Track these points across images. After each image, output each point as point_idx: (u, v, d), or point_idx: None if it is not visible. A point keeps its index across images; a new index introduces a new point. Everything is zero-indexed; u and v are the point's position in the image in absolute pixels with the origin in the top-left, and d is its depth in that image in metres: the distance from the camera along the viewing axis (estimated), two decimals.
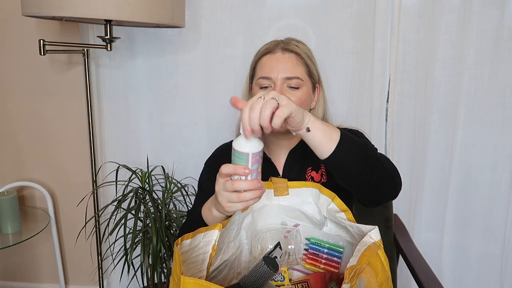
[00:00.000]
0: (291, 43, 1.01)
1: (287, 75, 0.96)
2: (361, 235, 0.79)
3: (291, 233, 0.90)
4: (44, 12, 1.16)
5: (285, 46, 0.99)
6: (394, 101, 1.58)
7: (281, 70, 0.96)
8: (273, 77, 0.97)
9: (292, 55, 0.98)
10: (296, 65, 0.98)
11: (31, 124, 1.76)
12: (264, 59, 1.00)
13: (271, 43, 1.03)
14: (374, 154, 0.85)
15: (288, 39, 1.04)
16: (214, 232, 0.77)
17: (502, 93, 1.53)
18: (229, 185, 0.74)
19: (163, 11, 1.25)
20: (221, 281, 0.86)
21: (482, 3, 1.46)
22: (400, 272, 1.59)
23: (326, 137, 0.78)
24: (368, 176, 0.82)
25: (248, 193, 0.74)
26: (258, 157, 0.75)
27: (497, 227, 1.63)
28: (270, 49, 1.00)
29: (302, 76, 0.98)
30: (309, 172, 1.03)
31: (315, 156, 1.00)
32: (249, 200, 0.75)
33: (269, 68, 0.98)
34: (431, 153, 1.60)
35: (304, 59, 1.00)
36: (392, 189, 0.89)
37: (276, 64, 0.97)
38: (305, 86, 0.99)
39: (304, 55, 1.00)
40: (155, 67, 1.65)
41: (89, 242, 1.77)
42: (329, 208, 0.88)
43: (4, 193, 1.63)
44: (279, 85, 0.96)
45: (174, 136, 1.71)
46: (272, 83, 0.97)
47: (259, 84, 0.99)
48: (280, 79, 0.96)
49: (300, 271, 0.92)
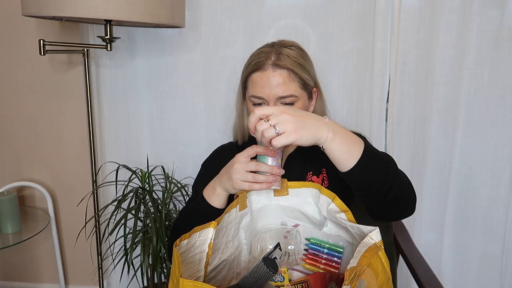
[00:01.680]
0: (282, 55, 0.94)
1: (279, 94, 0.93)
2: (361, 235, 0.79)
3: (291, 233, 0.90)
4: (44, 12, 1.16)
5: (276, 61, 0.94)
6: (394, 101, 1.58)
7: (272, 89, 0.93)
8: (265, 97, 0.94)
9: (283, 71, 0.93)
10: (289, 82, 0.93)
11: (31, 124, 1.76)
12: (254, 76, 0.96)
13: (261, 54, 0.97)
14: (394, 173, 0.82)
15: (278, 47, 0.97)
16: (209, 231, 0.78)
17: (502, 93, 1.53)
18: (253, 164, 0.82)
19: (163, 11, 1.25)
20: (220, 282, 0.86)
21: (482, 3, 1.46)
22: (400, 272, 1.59)
23: (345, 154, 0.75)
24: (385, 194, 0.80)
25: (262, 176, 0.82)
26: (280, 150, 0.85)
27: (497, 227, 1.63)
28: (260, 65, 0.95)
29: (296, 91, 0.95)
30: (310, 177, 1.02)
31: (316, 160, 0.99)
32: (262, 183, 0.82)
33: (261, 88, 0.94)
34: (431, 153, 1.60)
35: (297, 73, 0.94)
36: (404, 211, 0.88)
37: (267, 83, 0.93)
38: (300, 100, 0.96)
39: (297, 67, 0.95)
40: (155, 67, 1.65)
41: (89, 242, 1.77)
42: (329, 208, 0.87)
43: (4, 193, 1.63)
44: (273, 104, 0.94)
45: (174, 136, 1.71)
46: (264, 101, 0.95)
47: (252, 101, 0.98)
48: (273, 98, 0.94)
49: (300, 271, 0.92)
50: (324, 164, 1.01)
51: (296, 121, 0.71)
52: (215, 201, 0.91)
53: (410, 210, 0.89)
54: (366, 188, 0.80)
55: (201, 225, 0.79)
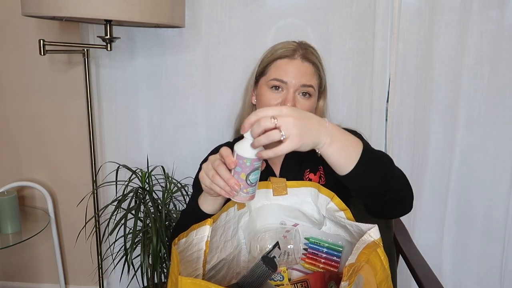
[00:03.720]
0: (308, 51, 1.01)
1: (304, 82, 0.97)
2: (360, 234, 0.79)
3: (290, 233, 0.90)
4: (44, 12, 1.17)
5: (305, 54, 1.00)
6: (394, 101, 1.58)
7: (298, 76, 0.97)
8: (288, 82, 0.97)
9: (310, 65, 1.00)
10: (313, 75, 1.00)
11: (31, 124, 1.76)
12: (281, 61, 1.00)
13: (288, 47, 1.01)
14: (392, 173, 0.81)
15: (304, 45, 1.03)
16: (205, 228, 0.78)
17: (502, 93, 1.53)
18: (217, 162, 0.76)
19: (163, 11, 1.25)
20: (220, 281, 0.86)
21: (482, 3, 1.46)
22: (400, 272, 1.59)
23: (342, 159, 0.74)
24: (383, 195, 0.80)
25: (220, 181, 0.75)
26: (248, 163, 0.73)
27: (497, 227, 1.62)
28: (288, 54, 1.00)
29: (315, 86, 1.01)
30: (307, 174, 1.02)
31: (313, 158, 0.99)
32: (215, 186, 0.76)
33: (286, 72, 0.98)
34: (431, 153, 1.60)
35: (319, 71, 1.02)
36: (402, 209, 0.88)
37: (293, 70, 0.98)
38: (313, 97, 1.01)
39: (320, 66, 1.02)
40: (155, 67, 1.65)
41: (89, 242, 1.77)
42: (328, 207, 0.87)
43: (4, 193, 1.63)
44: (292, 92, 0.96)
45: (174, 136, 1.71)
46: (285, 87, 0.97)
47: (271, 85, 0.99)
48: (295, 85, 0.97)
49: (300, 270, 0.92)
50: (321, 162, 1.00)
51: (301, 126, 0.68)
52: (206, 207, 0.88)
53: (407, 208, 0.88)
54: (364, 190, 0.79)
55: (197, 223, 0.79)
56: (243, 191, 0.75)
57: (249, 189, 0.76)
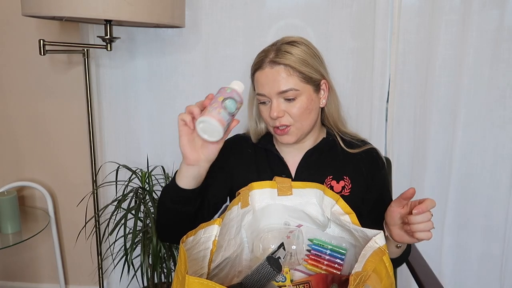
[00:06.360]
0: (280, 52, 0.94)
1: (278, 89, 0.93)
2: (365, 238, 0.79)
3: (293, 234, 0.90)
4: (44, 12, 1.16)
5: (274, 59, 0.94)
6: (394, 101, 1.58)
7: (271, 86, 0.94)
8: (266, 93, 0.95)
9: (280, 67, 0.93)
10: (287, 77, 0.93)
11: (31, 124, 1.76)
12: (256, 75, 0.98)
13: (260, 55, 0.98)
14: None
15: (281, 42, 0.98)
16: (214, 227, 0.79)
17: (502, 93, 1.53)
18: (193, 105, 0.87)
19: (163, 11, 1.25)
20: (222, 279, 0.86)
21: (482, 3, 1.46)
22: (400, 272, 1.59)
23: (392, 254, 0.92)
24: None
25: (192, 106, 0.87)
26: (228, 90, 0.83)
27: (497, 227, 1.63)
28: (259, 64, 0.96)
29: (297, 85, 0.94)
30: (329, 180, 1.01)
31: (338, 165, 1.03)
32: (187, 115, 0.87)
33: (261, 85, 0.96)
34: (431, 153, 1.60)
35: (295, 68, 0.93)
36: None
37: (266, 80, 0.94)
38: (304, 94, 0.95)
39: (296, 62, 0.94)
40: (155, 67, 1.65)
41: (89, 242, 1.77)
42: (333, 210, 0.87)
43: (4, 193, 1.63)
44: (275, 100, 0.95)
45: (174, 136, 1.70)
46: (268, 98, 0.96)
47: (258, 100, 0.99)
48: (273, 94, 0.94)
49: (302, 271, 0.92)
50: (349, 173, 1.01)
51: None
52: (180, 180, 0.89)
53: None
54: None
55: (206, 222, 0.79)
56: (216, 109, 0.80)
57: (222, 111, 0.80)
